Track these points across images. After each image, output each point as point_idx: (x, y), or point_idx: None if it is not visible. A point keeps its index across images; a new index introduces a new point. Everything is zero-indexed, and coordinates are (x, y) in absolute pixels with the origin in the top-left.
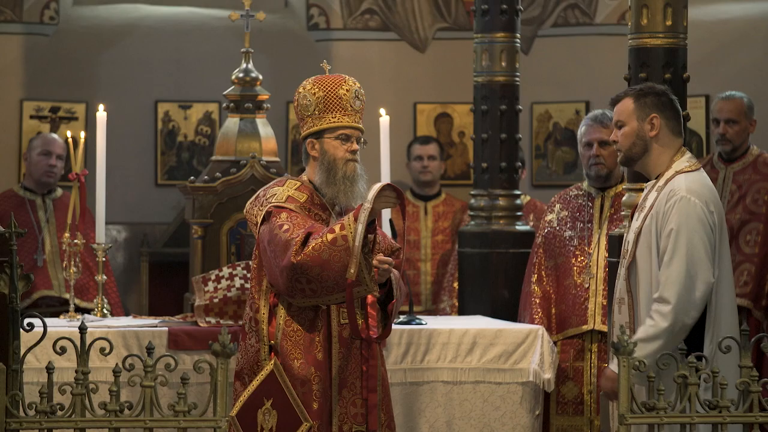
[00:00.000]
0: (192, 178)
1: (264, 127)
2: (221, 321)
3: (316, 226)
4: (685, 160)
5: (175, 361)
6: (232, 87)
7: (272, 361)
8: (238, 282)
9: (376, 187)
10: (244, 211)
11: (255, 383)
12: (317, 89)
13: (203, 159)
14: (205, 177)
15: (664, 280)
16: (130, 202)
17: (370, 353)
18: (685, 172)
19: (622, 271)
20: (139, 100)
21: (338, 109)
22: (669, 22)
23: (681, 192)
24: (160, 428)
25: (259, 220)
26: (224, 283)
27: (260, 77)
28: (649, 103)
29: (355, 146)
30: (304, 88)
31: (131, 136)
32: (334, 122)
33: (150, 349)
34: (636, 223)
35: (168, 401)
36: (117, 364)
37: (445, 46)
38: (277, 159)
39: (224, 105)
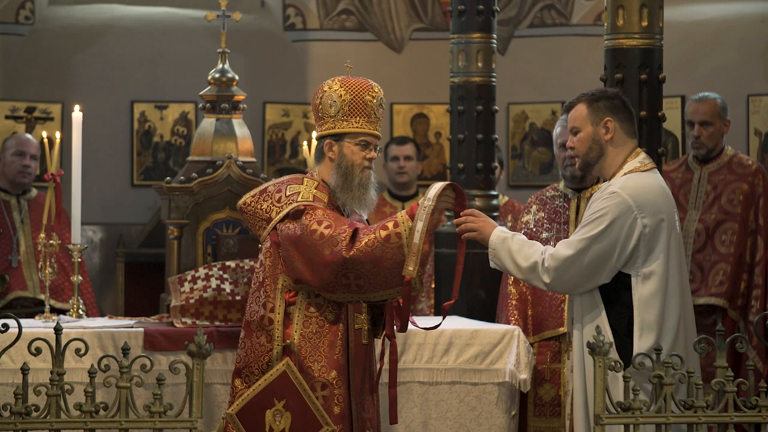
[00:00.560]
0: (168, 178)
1: (240, 127)
2: (197, 322)
3: (357, 223)
4: (638, 160)
5: (150, 362)
6: (209, 87)
7: (284, 362)
8: (214, 282)
9: (439, 186)
10: (243, 203)
11: (262, 382)
12: (344, 92)
13: (179, 159)
14: (181, 177)
15: (563, 254)
16: (106, 203)
17: (391, 349)
18: (634, 172)
19: None
20: (115, 101)
21: (362, 115)
22: (645, 23)
23: (614, 187)
24: (135, 429)
25: (276, 216)
26: (200, 283)
27: (236, 77)
28: (602, 107)
29: (373, 154)
30: (330, 88)
31: (107, 137)
32: (356, 127)
33: (125, 350)
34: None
35: (144, 402)
36: (92, 365)
37: (422, 47)
38: (253, 159)
39: (200, 105)
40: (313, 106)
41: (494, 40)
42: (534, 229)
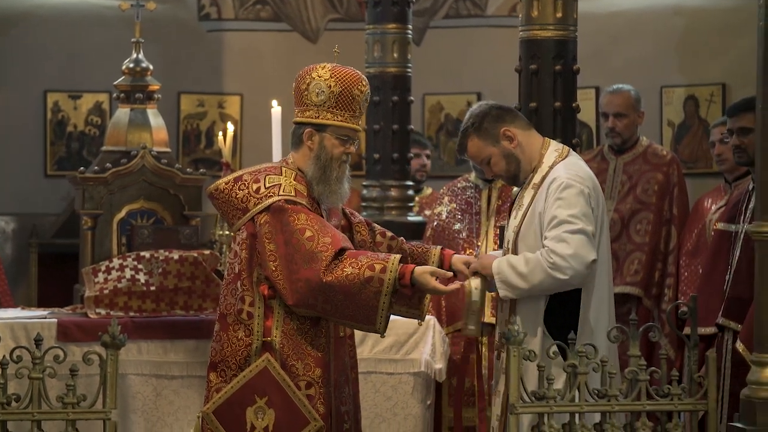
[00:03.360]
0: (82, 168)
1: (155, 117)
2: (111, 312)
3: (340, 237)
4: (553, 150)
5: (64, 353)
6: (123, 77)
7: (264, 357)
8: (128, 273)
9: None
10: (214, 189)
11: (241, 379)
12: (334, 83)
13: (93, 149)
14: (95, 167)
15: (566, 252)
16: (19, 193)
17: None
18: (558, 162)
19: None
20: (28, 90)
21: (348, 109)
22: (559, 14)
23: (562, 179)
24: (48, 420)
25: (253, 208)
26: (114, 274)
27: (151, 67)
28: (488, 125)
29: (353, 149)
30: (319, 76)
31: (20, 126)
32: (341, 121)
33: (38, 341)
34: (514, 221)
35: (57, 393)
36: (4, 356)
37: (337, 37)
38: (168, 149)
39: (114, 95)
40: (296, 88)
41: (409, 31)
42: (446, 220)
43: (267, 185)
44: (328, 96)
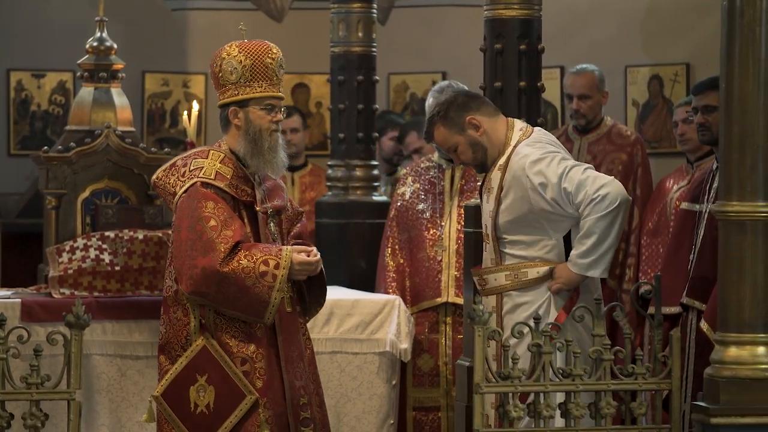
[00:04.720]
0: (46, 148)
1: (119, 96)
2: (76, 292)
3: (242, 232)
4: (517, 130)
5: (27, 333)
6: (87, 56)
7: (203, 336)
8: (93, 253)
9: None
10: (155, 178)
11: (184, 360)
12: (244, 57)
13: (57, 129)
14: (59, 147)
15: (595, 187)
16: None
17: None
18: (522, 140)
19: (485, 255)
20: None
21: (264, 79)
22: None
23: (534, 155)
24: (12, 401)
25: (179, 191)
26: (79, 254)
27: (115, 46)
28: (454, 114)
29: (280, 116)
30: (228, 55)
31: None
32: (260, 92)
33: (2, 321)
34: (488, 206)
35: (21, 374)
36: None
37: (302, 16)
38: (132, 129)
39: (78, 74)
40: (212, 74)
41: (374, 10)
42: (410, 200)
43: (191, 168)
44: (241, 72)
